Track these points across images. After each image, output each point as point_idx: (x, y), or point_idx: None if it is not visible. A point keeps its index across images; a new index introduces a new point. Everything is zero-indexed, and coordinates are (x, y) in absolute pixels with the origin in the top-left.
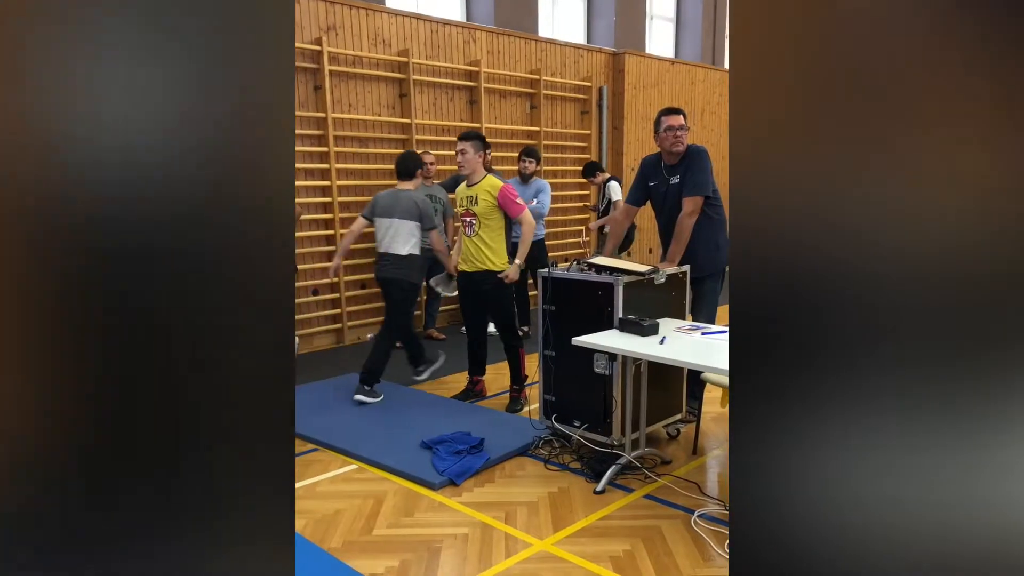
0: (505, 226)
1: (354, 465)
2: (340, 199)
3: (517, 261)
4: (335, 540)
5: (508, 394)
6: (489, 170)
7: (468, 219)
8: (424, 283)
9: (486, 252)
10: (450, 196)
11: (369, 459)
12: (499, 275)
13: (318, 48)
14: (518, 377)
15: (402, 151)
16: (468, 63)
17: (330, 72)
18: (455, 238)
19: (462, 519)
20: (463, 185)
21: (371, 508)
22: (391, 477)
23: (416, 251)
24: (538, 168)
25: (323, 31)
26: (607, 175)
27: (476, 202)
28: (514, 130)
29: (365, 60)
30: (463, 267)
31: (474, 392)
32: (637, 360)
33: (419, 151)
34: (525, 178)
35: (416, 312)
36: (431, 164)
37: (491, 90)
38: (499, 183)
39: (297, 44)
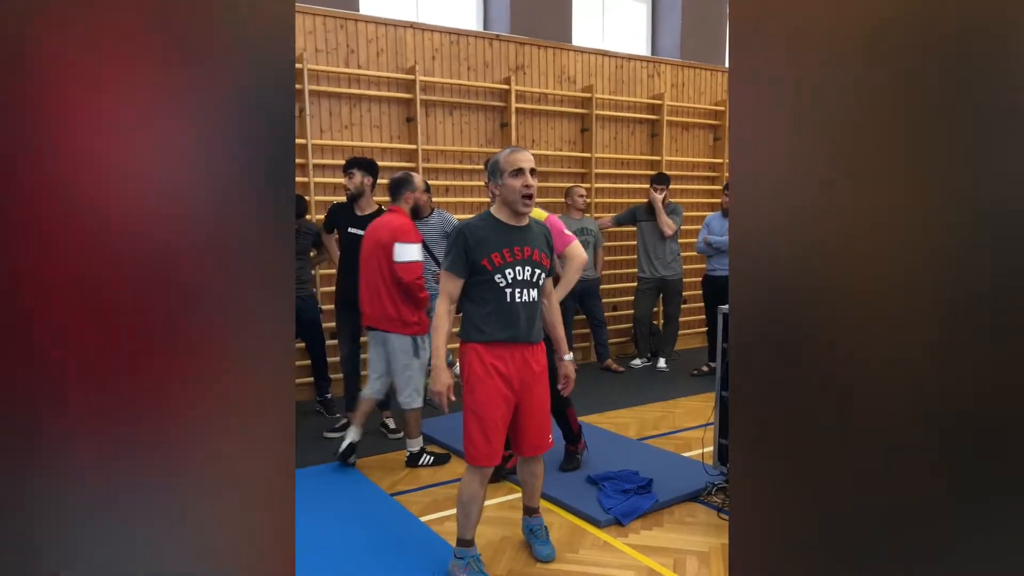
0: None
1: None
2: None
3: (559, 291)
4: (500, 568)
5: (564, 452)
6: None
7: None
8: None
9: None
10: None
11: None
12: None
13: (507, 87)
14: (571, 435)
15: (572, 184)
16: (651, 96)
17: (516, 110)
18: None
19: (627, 561)
20: None
21: None
22: (556, 509)
23: None
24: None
25: (512, 71)
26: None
27: None
28: (695, 162)
29: (550, 97)
30: None
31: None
32: None
33: (570, 184)
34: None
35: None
36: (581, 196)
37: (673, 123)
38: (544, 213)
39: (487, 84)
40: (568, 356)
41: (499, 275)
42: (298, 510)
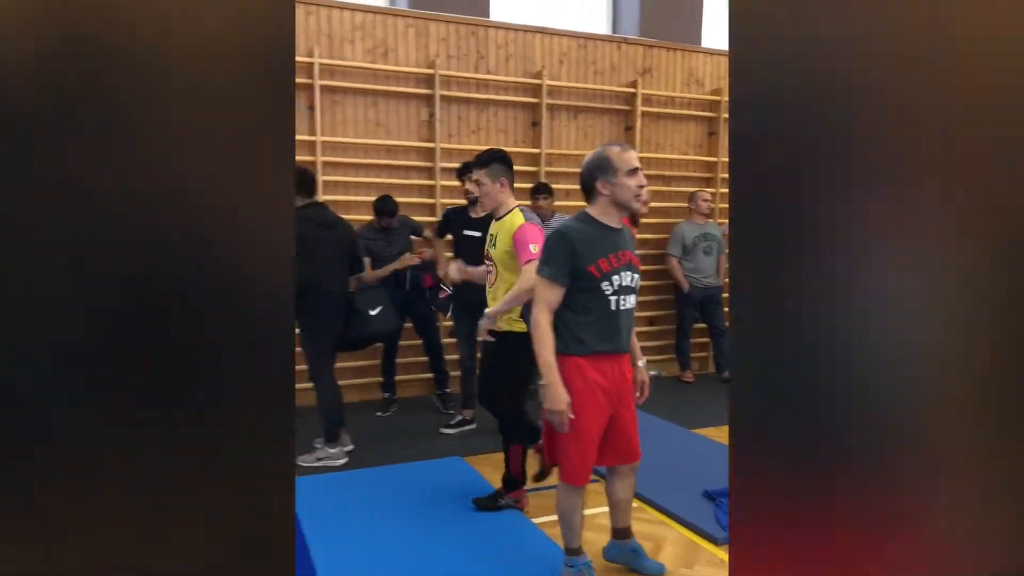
0: None
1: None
2: (640, 235)
3: (488, 311)
4: None
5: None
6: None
7: (488, 264)
8: None
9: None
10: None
11: (650, 499)
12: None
13: (633, 91)
14: (508, 475)
15: (696, 189)
16: None
17: (642, 113)
18: None
19: None
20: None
21: (649, 551)
22: (670, 522)
23: None
24: None
25: (639, 74)
26: None
27: (494, 243)
28: None
29: (677, 100)
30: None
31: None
32: None
33: (694, 188)
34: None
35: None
36: (705, 201)
37: None
38: (519, 220)
39: (613, 87)
40: (641, 362)
41: (606, 282)
42: (407, 504)
